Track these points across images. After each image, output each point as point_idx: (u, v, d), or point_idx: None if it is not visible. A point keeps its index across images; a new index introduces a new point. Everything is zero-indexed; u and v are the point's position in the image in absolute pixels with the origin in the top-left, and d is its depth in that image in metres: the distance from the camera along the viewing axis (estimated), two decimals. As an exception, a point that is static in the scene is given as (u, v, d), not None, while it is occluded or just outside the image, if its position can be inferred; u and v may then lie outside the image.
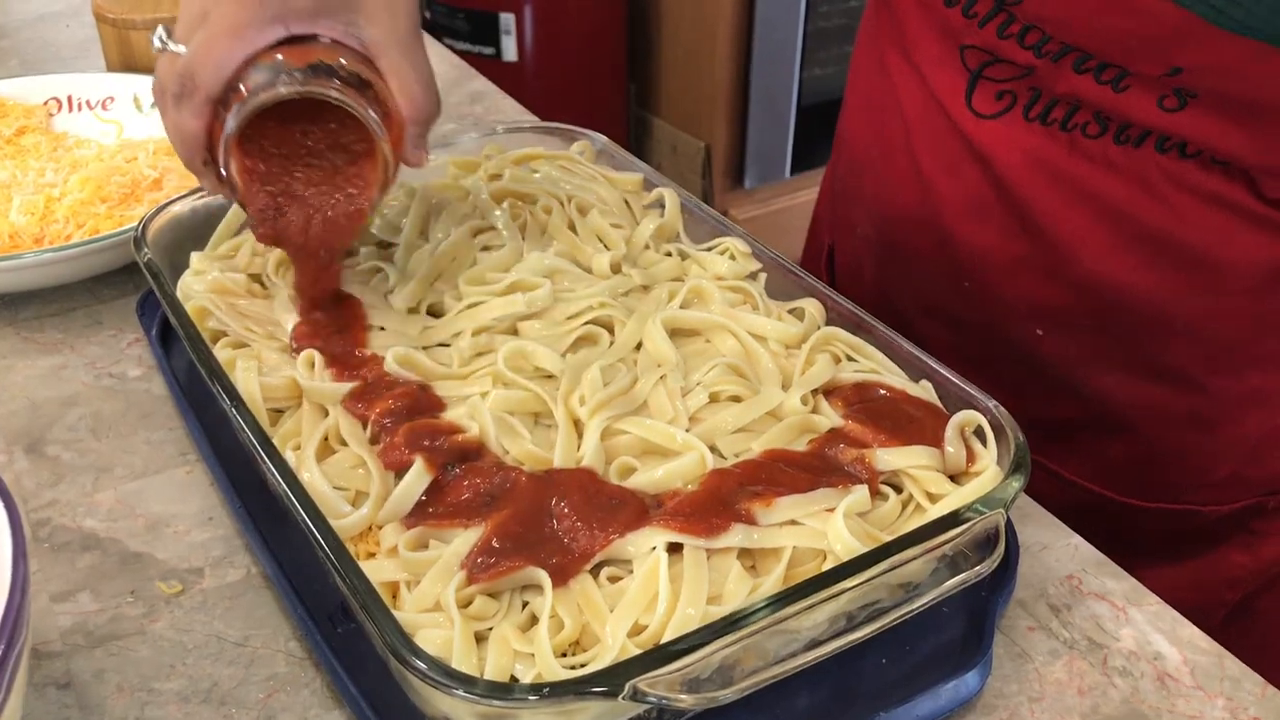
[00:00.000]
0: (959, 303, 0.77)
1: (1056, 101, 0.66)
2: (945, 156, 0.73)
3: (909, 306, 0.82)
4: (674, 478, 0.55)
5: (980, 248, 0.73)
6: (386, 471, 0.55)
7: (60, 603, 0.58)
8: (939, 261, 0.77)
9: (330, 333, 0.64)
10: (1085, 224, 0.68)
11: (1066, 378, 0.75)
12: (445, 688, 0.44)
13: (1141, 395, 0.73)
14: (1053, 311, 0.73)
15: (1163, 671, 0.55)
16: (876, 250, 0.83)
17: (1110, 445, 0.77)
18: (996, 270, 0.73)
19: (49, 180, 0.88)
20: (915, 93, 0.75)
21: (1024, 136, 0.68)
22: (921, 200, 0.76)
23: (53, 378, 0.74)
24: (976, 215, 0.73)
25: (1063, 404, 0.77)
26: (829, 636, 0.49)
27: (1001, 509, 0.51)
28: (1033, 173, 0.69)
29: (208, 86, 0.58)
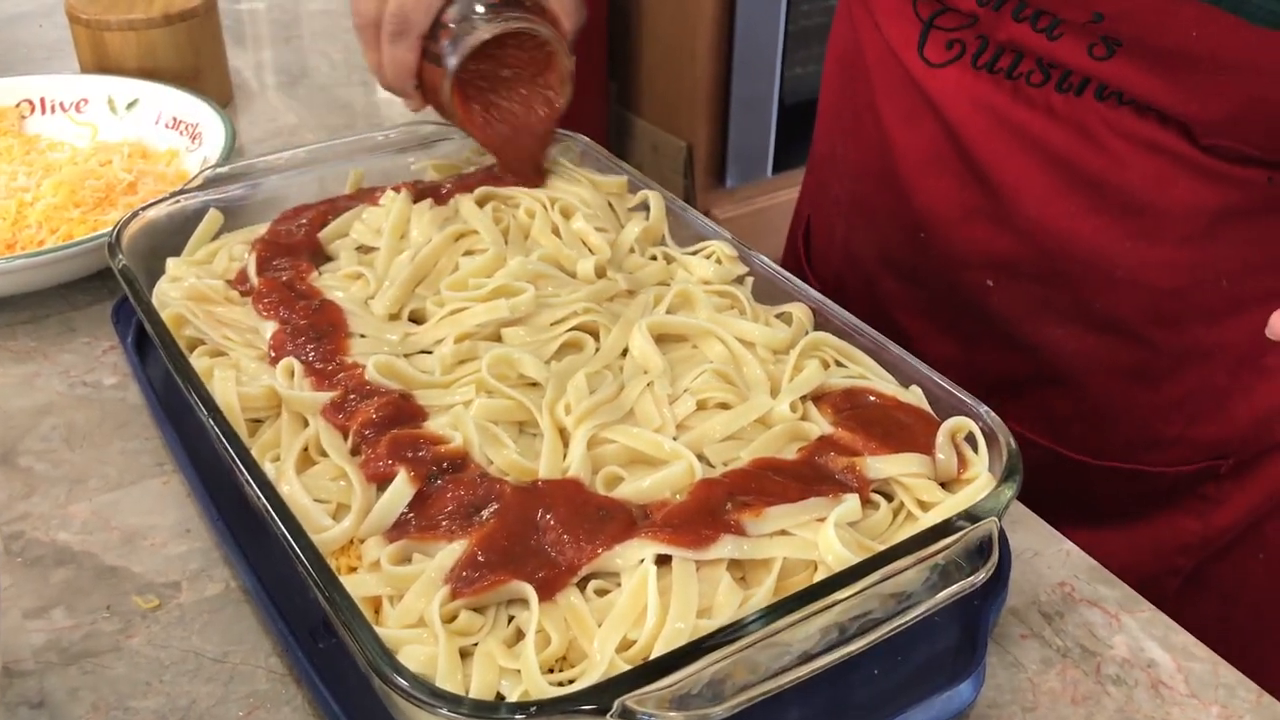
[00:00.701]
0: (917, 255, 0.80)
1: (1002, 50, 0.69)
2: (903, 108, 0.76)
3: (873, 263, 0.85)
4: (662, 487, 0.54)
5: (935, 198, 0.76)
6: (369, 484, 0.54)
7: (33, 619, 0.57)
8: (898, 214, 0.79)
9: (309, 340, 0.63)
10: (1029, 171, 0.71)
11: (1016, 330, 0.77)
12: (429, 706, 0.43)
13: (1086, 347, 0.76)
14: (1001, 261, 0.75)
15: (1157, 679, 0.55)
16: (846, 211, 0.86)
17: (1059, 400, 0.79)
18: (950, 220, 0.76)
19: (21, 184, 0.86)
20: (876, 46, 0.78)
21: (972, 85, 0.71)
22: (882, 153, 0.79)
23: (25, 386, 0.73)
24: (932, 166, 0.76)
25: (1013, 358, 0.79)
26: (821, 649, 0.48)
27: (995, 517, 0.50)
28: (980, 120, 0.71)
29: (420, 25, 0.70)
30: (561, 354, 0.64)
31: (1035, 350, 0.77)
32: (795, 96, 2.40)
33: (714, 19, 2.27)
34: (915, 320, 0.83)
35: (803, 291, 0.67)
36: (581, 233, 0.73)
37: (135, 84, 0.98)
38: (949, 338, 0.82)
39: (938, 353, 0.81)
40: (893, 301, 0.84)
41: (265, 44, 1.28)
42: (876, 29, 0.77)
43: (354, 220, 0.75)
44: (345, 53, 1.26)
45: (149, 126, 0.96)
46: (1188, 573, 0.82)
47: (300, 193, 0.78)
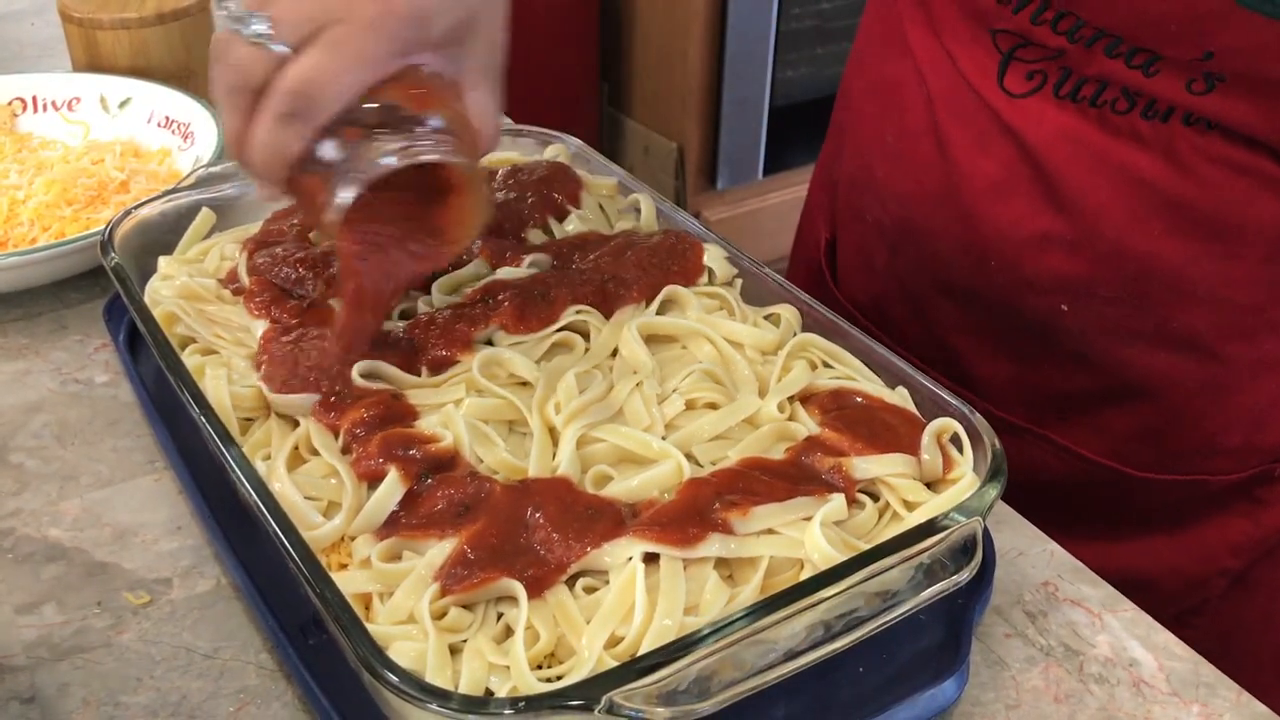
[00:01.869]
0: (980, 280, 0.78)
1: (1086, 80, 0.67)
2: (974, 134, 0.74)
3: (925, 288, 0.82)
4: (650, 486, 0.54)
5: (1006, 223, 0.74)
6: (360, 482, 0.55)
7: (24, 615, 0.57)
8: (961, 240, 0.77)
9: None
10: (1113, 195, 0.70)
11: (1085, 350, 0.76)
12: (419, 701, 0.43)
13: (1159, 365, 0.74)
14: (1077, 285, 0.73)
15: (1139, 678, 0.55)
16: (891, 235, 0.84)
17: (1122, 417, 0.77)
18: (1021, 245, 0.74)
19: (13, 182, 0.86)
20: (943, 73, 0.76)
21: (1054, 113, 0.70)
22: (944, 179, 0.77)
23: (17, 384, 0.73)
24: (1004, 191, 0.74)
25: (1077, 376, 0.77)
26: (807, 646, 0.48)
27: (979, 517, 0.51)
28: (1063, 147, 0.70)
29: (325, 115, 0.53)
30: (551, 354, 0.64)
31: (1103, 369, 0.76)
32: (786, 99, 2.41)
33: (705, 21, 2.27)
34: (969, 340, 0.81)
35: (791, 293, 0.67)
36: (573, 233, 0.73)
37: (128, 83, 0.98)
38: (1006, 357, 0.80)
39: (992, 371, 0.80)
40: (947, 324, 0.82)
41: (257, 43, 1.28)
42: (944, 55, 0.75)
43: (346, 220, 0.75)
44: (337, 53, 1.26)
45: (141, 125, 0.96)
46: (1236, 573, 0.81)
47: (292, 192, 0.79)
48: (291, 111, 0.53)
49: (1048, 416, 0.79)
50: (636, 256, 0.70)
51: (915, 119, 0.79)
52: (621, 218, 0.78)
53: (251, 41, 0.53)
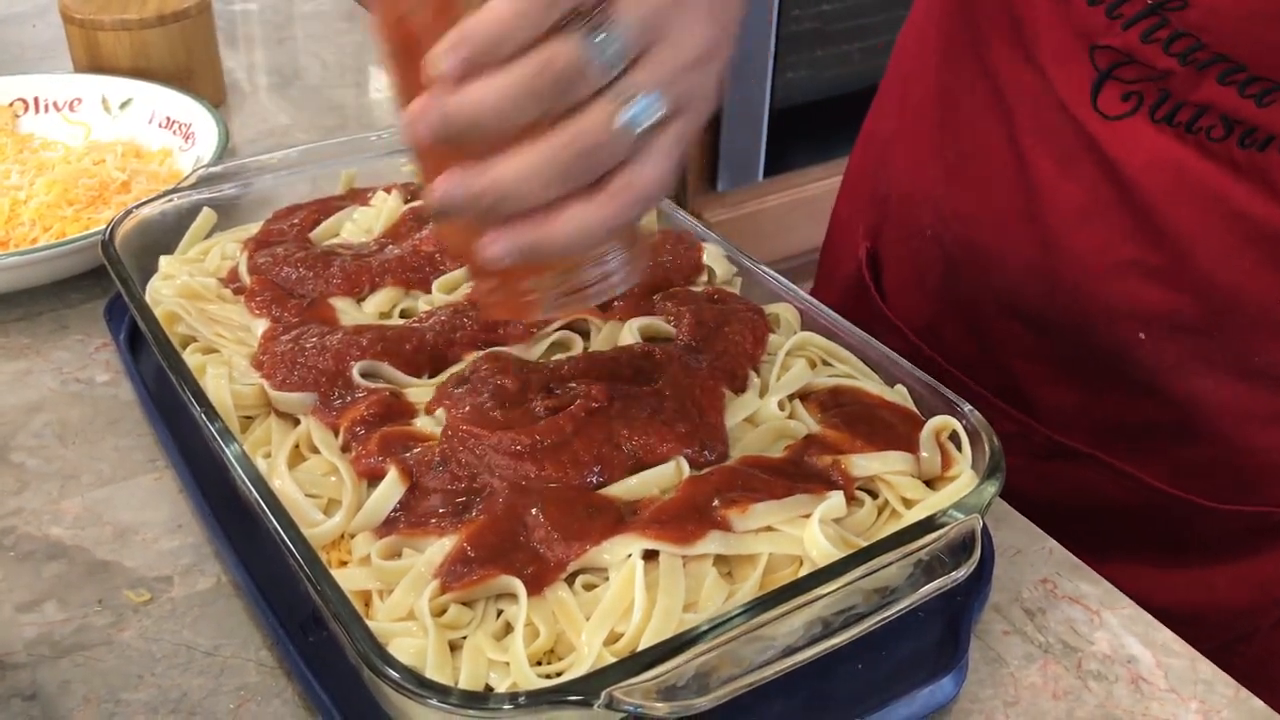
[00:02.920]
0: (1052, 305, 0.75)
1: (1184, 105, 0.65)
2: (1059, 156, 0.71)
3: (986, 309, 0.79)
4: (650, 485, 0.54)
5: (1087, 249, 0.71)
6: (359, 479, 0.55)
7: (25, 613, 0.57)
8: (1033, 263, 0.74)
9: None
10: (1206, 224, 0.67)
11: (1157, 381, 0.73)
12: (419, 697, 0.43)
13: (1232, 397, 0.72)
14: (1158, 313, 0.71)
15: (1137, 675, 0.56)
16: (951, 252, 0.80)
17: (1189, 447, 0.75)
18: (1104, 272, 0.71)
19: (15, 183, 0.87)
20: (1027, 89, 0.72)
21: (1150, 137, 0.67)
22: (1021, 201, 0.74)
23: (18, 383, 0.73)
24: (1089, 215, 0.71)
25: (1146, 407, 0.75)
26: (805, 643, 0.48)
27: (978, 514, 0.51)
28: (1157, 173, 0.67)
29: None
30: (551, 353, 0.64)
31: (1173, 401, 0.74)
32: (787, 101, 2.41)
33: (706, 23, 2.28)
34: (1032, 365, 0.78)
35: (790, 292, 0.67)
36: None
37: (129, 84, 0.99)
38: (1071, 384, 0.77)
39: (1054, 397, 0.78)
40: (1008, 348, 0.79)
41: (257, 45, 1.29)
42: (1032, 71, 0.72)
43: (345, 220, 0.76)
44: (338, 54, 1.26)
45: (142, 126, 0.97)
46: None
47: (292, 192, 0.79)
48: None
49: (1112, 444, 0.77)
50: (636, 256, 0.70)
51: (986, 136, 0.75)
52: (621, 217, 0.78)
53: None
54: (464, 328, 0.64)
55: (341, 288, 0.67)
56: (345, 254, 0.70)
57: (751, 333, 0.63)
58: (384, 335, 0.62)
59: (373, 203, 0.76)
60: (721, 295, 0.68)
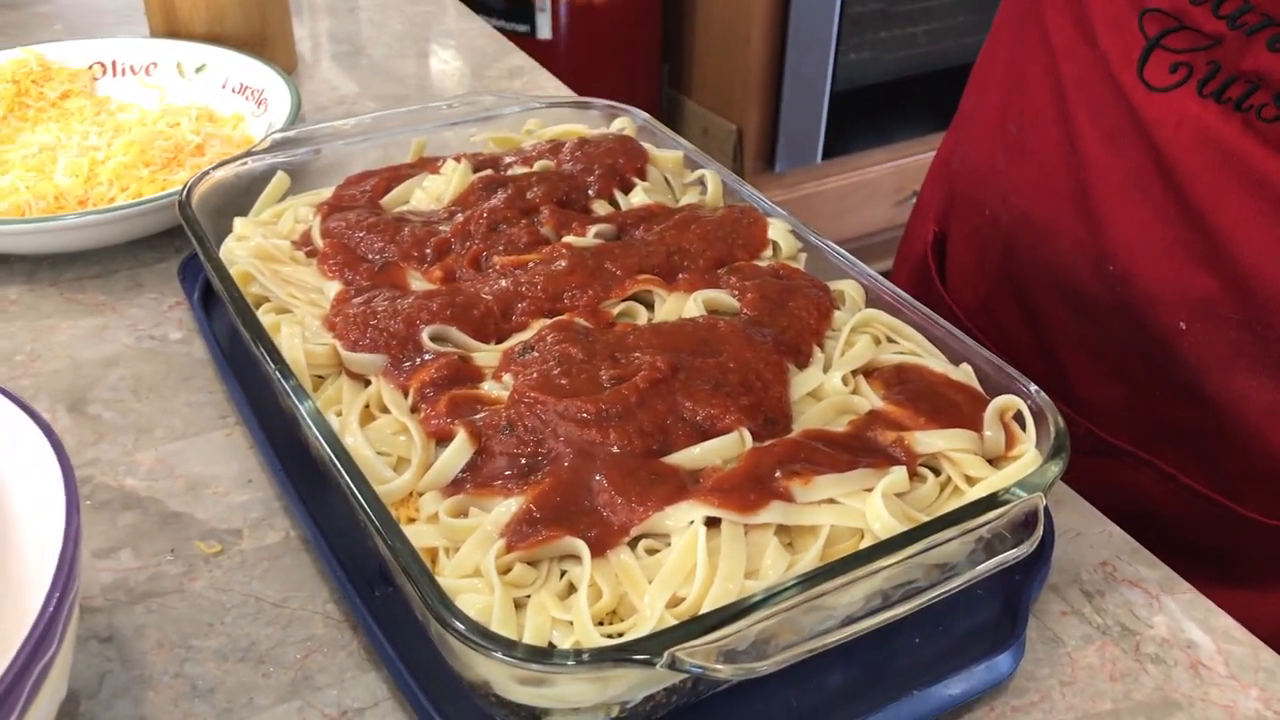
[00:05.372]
0: (1099, 287, 0.74)
1: (1235, 79, 0.63)
2: (1106, 127, 0.70)
3: (1039, 291, 0.79)
4: (713, 455, 0.55)
5: (1132, 227, 0.70)
6: (428, 439, 0.56)
7: (102, 559, 0.59)
8: (1083, 241, 0.73)
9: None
10: (1249, 209, 0.65)
11: (1199, 379, 0.72)
12: (485, 650, 0.44)
13: (1276, 401, 0.70)
14: (1200, 302, 0.69)
15: (1196, 660, 0.55)
16: (1008, 230, 0.80)
17: (1235, 456, 0.73)
18: (1146, 253, 0.70)
19: (93, 143, 0.89)
20: (1080, 59, 0.72)
21: (1198, 113, 0.65)
22: (1071, 173, 0.73)
23: (95, 338, 0.75)
24: (1133, 191, 0.70)
25: (1189, 408, 0.73)
26: (864, 614, 0.49)
27: (1040, 493, 0.51)
28: (1200, 150, 0.66)
29: None
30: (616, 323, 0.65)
31: (1217, 401, 0.72)
32: (848, 83, 2.40)
33: (769, 3, 2.27)
34: (1079, 357, 0.77)
35: (856, 269, 0.68)
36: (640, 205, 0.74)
37: (203, 49, 1.00)
38: (1115, 381, 0.76)
39: (1100, 393, 0.77)
40: (1057, 334, 0.78)
41: (323, 15, 1.30)
42: (1085, 40, 0.71)
43: (415, 188, 0.77)
44: (405, 25, 1.27)
45: (216, 91, 0.98)
46: None
47: (363, 159, 0.80)
48: None
49: (1155, 445, 0.76)
50: (701, 229, 0.70)
51: (1042, 106, 0.74)
52: (686, 191, 0.79)
53: None
54: (530, 296, 0.64)
55: (412, 253, 0.68)
56: (415, 220, 0.72)
57: (816, 308, 0.64)
58: (453, 301, 0.63)
59: (443, 171, 0.77)
60: (786, 271, 0.68)
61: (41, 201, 0.81)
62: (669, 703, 0.49)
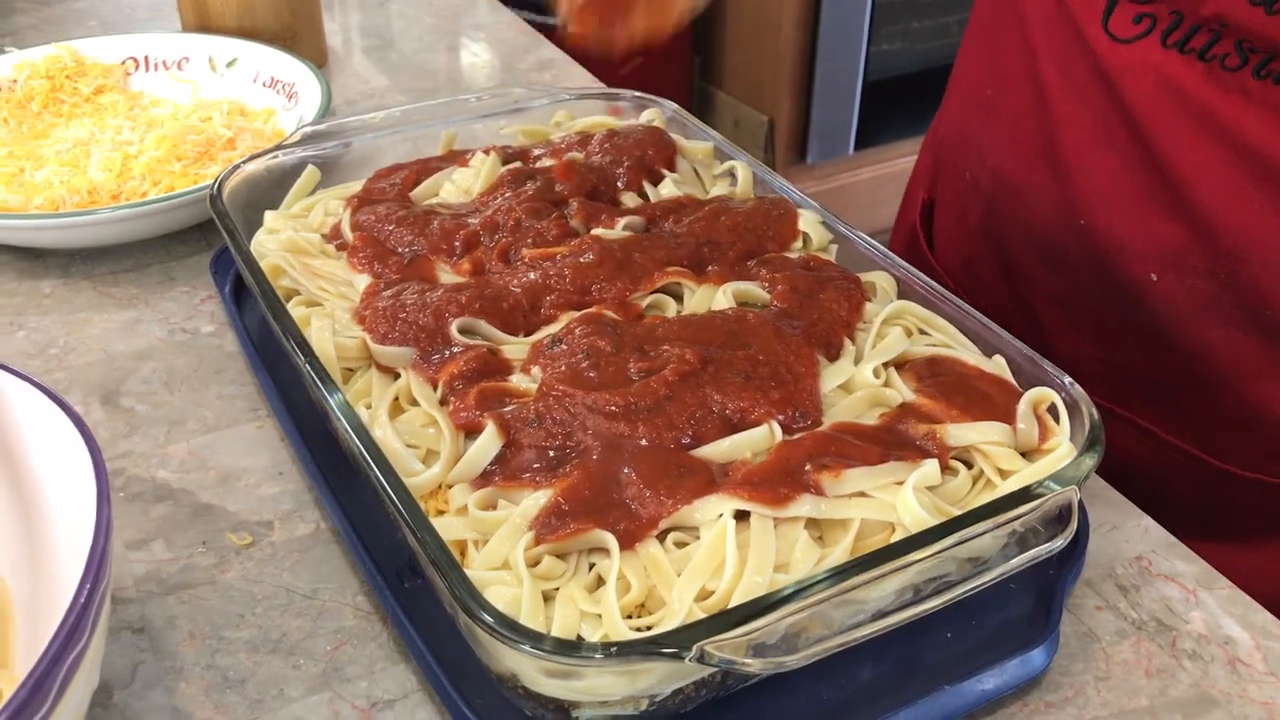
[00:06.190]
0: (1071, 241, 0.75)
1: (1198, 28, 0.64)
2: (1073, 80, 0.71)
3: (1018, 249, 0.80)
4: (742, 448, 0.55)
5: (1100, 179, 0.72)
6: (457, 432, 0.56)
7: (134, 550, 0.60)
8: (1055, 195, 0.75)
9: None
10: (1213, 158, 0.67)
11: (1173, 330, 0.73)
12: (513, 643, 0.44)
13: (1246, 351, 0.72)
14: (1169, 252, 0.71)
15: (1234, 656, 0.55)
16: (987, 190, 0.82)
17: (1207, 406, 0.75)
18: (1115, 204, 0.72)
19: (126, 138, 0.89)
20: (1048, 15, 0.73)
21: (1160, 63, 0.66)
22: (1042, 129, 0.74)
23: (128, 331, 0.76)
24: (1100, 144, 0.71)
25: (1162, 359, 0.75)
26: (895, 608, 0.48)
27: (1075, 486, 0.50)
28: (1163, 100, 0.67)
29: None
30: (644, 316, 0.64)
31: (1190, 352, 0.73)
32: (881, 73, 2.38)
33: (800, -7, 2.26)
34: (1056, 313, 0.79)
35: (887, 260, 0.67)
36: (669, 197, 0.74)
37: (235, 43, 1.01)
38: (1091, 335, 0.78)
39: (1076, 348, 0.78)
40: (1035, 290, 0.80)
41: (353, 8, 1.30)
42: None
43: (444, 180, 0.77)
44: (435, 18, 1.27)
45: (247, 85, 0.99)
46: None
47: (393, 152, 0.80)
48: None
49: (1131, 399, 0.77)
50: (731, 221, 0.70)
51: (1014, 66, 0.76)
52: (716, 183, 0.78)
53: None
54: (559, 289, 0.64)
55: (441, 246, 0.68)
56: (444, 213, 0.72)
57: (847, 300, 0.63)
58: (482, 294, 0.63)
59: (471, 164, 0.77)
60: (817, 262, 0.67)
61: (75, 196, 0.82)
62: (698, 696, 0.49)
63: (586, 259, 0.65)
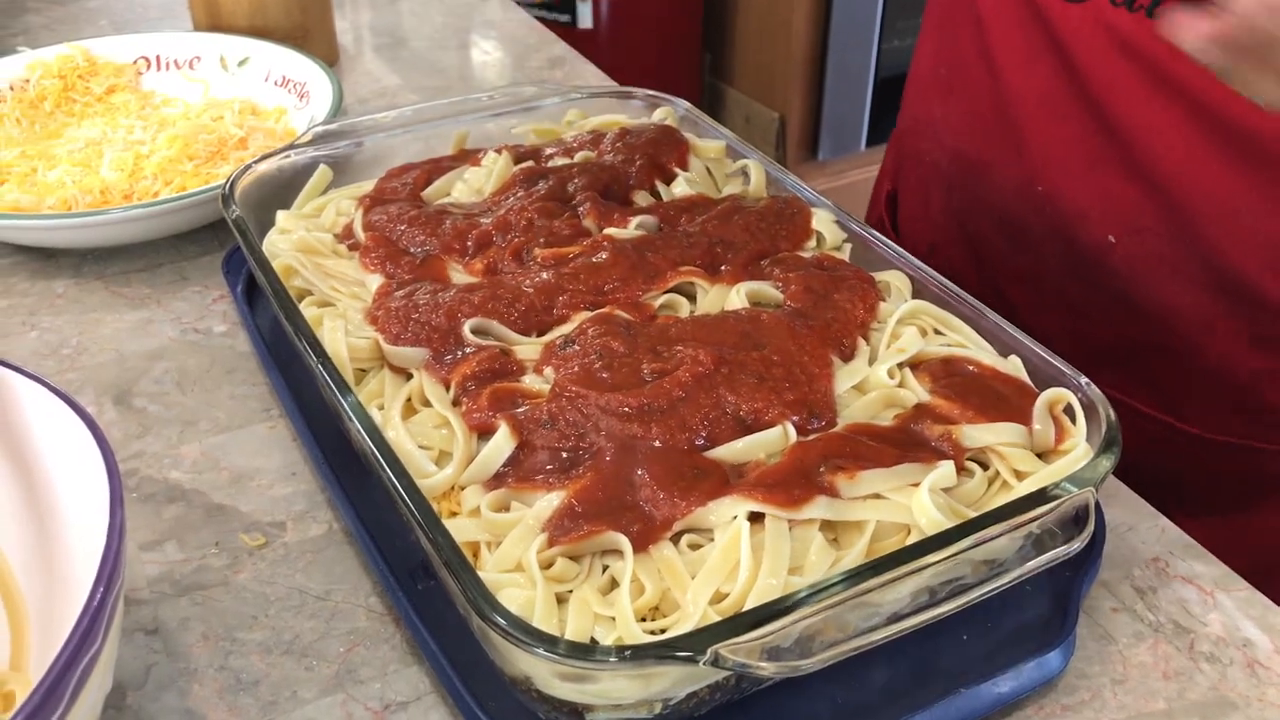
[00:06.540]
0: (1030, 211, 0.76)
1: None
2: (1023, 48, 0.73)
3: (982, 227, 0.82)
4: (756, 449, 0.54)
5: (1054, 145, 0.73)
6: (470, 433, 0.56)
7: (148, 551, 0.60)
8: (1012, 164, 0.76)
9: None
10: (1162, 114, 0.68)
11: (1134, 293, 0.75)
12: (527, 646, 0.44)
13: (1206, 311, 0.73)
14: (1126, 215, 0.72)
15: (1252, 659, 0.54)
16: (947, 173, 0.83)
17: (1172, 369, 0.76)
18: (1071, 169, 0.73)
19: (138, 138, 0.89)
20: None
21: (1108, 21, 0.67)
22: (995, 101, 0.76)
23: (140, 332, 0.76)
24: (1052, 109, 0.72)
25: (1126, 324, 0.76)
26: (911, 611, 0.48)
27: (1091, 487, 0.50)
28: (1113, 59, 0.68)
29: None
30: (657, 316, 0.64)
31: (1152, 316, 0.75)
32: (892, 69, 2.37)
33: (811, -10, 2.25)
34: (1021, 289, 0.81)
35: (902, 259, 0.67)
36: (681, 196, 0.73)
37: (246, 42, 1.01)
38: (1057, 308, 0.79)
39: (1043, 324, 0.79)
40: (999, 268, 0.82)
41: (364, 7, 1.30)
42: None
43: (456, 180, 0.77)
44: (445, 16, 1.27)
45: (258, 84, 0.99)
46: None
47: (405, 151, 0.80)
48: None
49: (1102, 371, 0.79)
50: (744, 220, 0.70)
51: (966, 43, 0.77)
52: (729, 181, 0.78)
53: None
54: (572, 289, 0.64)
55: (453, 246, 0.68)
56: (457, 213, 0.71)
57: (861, 300, 0.63)
58: (495, 294, 0.63)
59: (483, 163, 0.77)
60: (830, 262, 0.67)
61: (88, 196, 0.82)
62: (712, 699, 0.49)
63: (599, 259, 0.65)
